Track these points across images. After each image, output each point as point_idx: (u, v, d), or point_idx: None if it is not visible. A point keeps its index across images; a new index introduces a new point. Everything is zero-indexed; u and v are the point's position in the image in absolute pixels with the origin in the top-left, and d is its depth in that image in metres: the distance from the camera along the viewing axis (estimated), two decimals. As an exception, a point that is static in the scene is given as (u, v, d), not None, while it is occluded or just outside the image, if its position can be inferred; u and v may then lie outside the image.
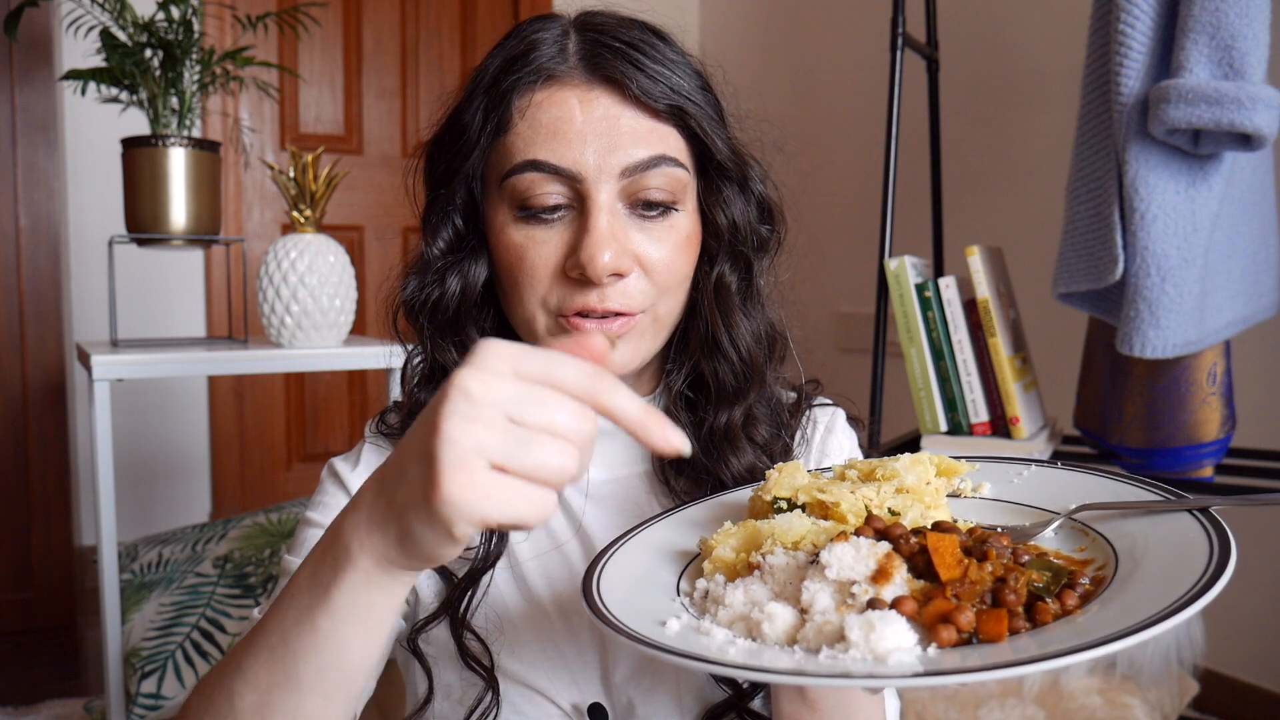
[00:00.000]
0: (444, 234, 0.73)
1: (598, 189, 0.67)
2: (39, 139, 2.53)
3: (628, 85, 0.68)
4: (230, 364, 1.63)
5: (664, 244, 0.70)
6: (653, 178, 0.68)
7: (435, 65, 3.22)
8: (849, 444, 0.84)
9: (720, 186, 0.74)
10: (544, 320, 0.70)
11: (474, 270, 0.73)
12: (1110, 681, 1.48)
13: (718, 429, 0.74)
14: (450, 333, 0.74)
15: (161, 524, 2.74)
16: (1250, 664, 1.94)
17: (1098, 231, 1.42)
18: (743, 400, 0.74)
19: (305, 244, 1.63)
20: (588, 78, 0.68)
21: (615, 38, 0.69)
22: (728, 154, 0.73)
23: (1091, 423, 1.64)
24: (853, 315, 2.80)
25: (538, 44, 0.69)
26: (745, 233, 0.75)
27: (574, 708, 0.72)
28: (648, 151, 0.68)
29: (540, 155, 0.67)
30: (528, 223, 0.69)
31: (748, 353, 0.74)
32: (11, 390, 2.52)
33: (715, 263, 0.74)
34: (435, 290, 0.73)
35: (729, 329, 0.74)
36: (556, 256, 0.68)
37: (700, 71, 0.73)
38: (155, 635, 1.54)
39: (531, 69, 0.69)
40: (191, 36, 1.65)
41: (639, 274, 0.69)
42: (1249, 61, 1.28)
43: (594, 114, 0.68)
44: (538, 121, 0.68)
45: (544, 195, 0.68)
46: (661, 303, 0.71)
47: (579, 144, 0.67)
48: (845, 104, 2.85)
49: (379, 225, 3.17)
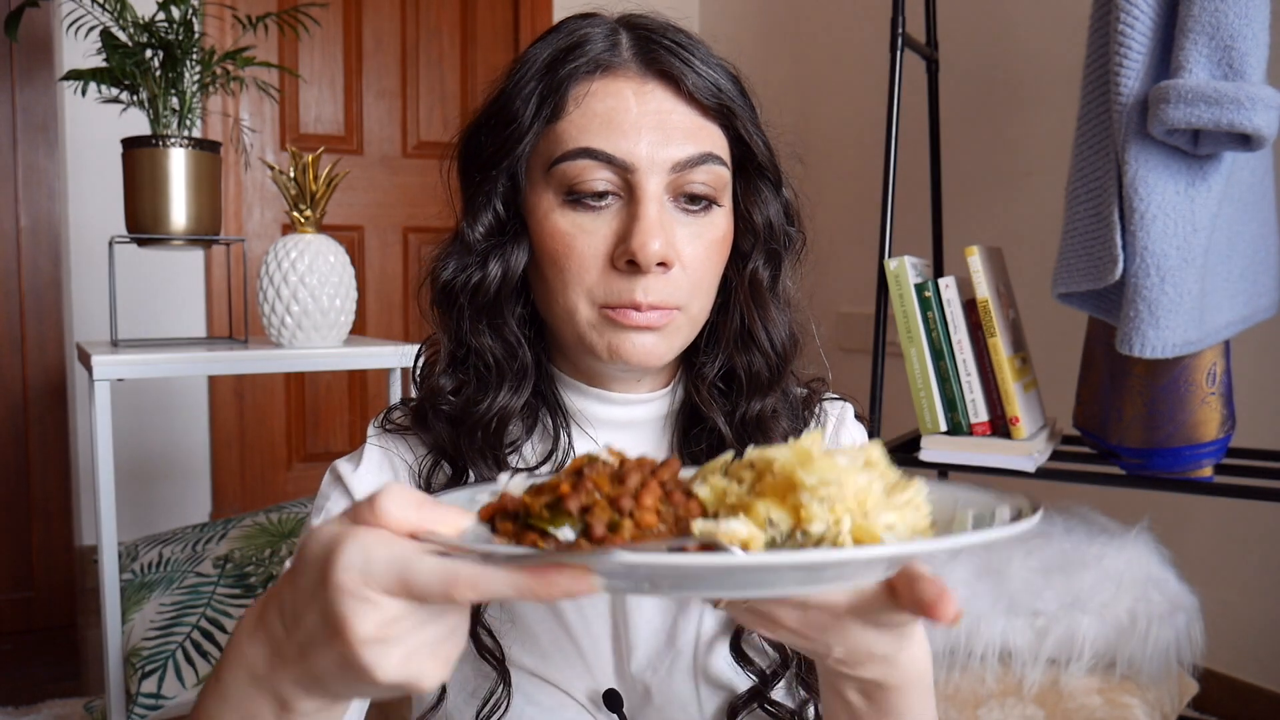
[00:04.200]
0: (485, 218, 0.74)
1: (649, 180, 0.68)
2: (39, 139, 2.53)
3: (681, 81, 0.69)
4: (230, 364, 1.63)
5: (702, 240, 0.71)
6: (700, 173, 0.70)
7: (435, 65, 3.22)
8: (860, 437, 0.86)
9: (759, 186, 0.76)
10: (586, 311, 0.70)
11: (515, 256, 0.73)
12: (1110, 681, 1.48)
13: (750, 418, 0.76)
14: (487, 316, 0.74)
15: (161, 524, 2.73)
16: (1250, 664, 1.94)
17: (1097, 231, 1.42)
18: (774, 390, 0.77)
19: (305, 244, 1.63)
20: (642, 71, 0.70)
21: (665, 36, 0.71)
22: (766, 155, 0.75)
23: (1091, 423, 1.64)
24: (853, 315, 2.80)
25: (590, 38, 0.71)
26: (778, 231, 0.77)
27: (589, 697, 0.73)
28: (697, 148, 0.69)
29: (594, 143, 0.68)
30: (575, 210, 0.69)
31: (782, 345, 0.77)
32: (11, 390, 2.52)
33: (750, 259, 0.76)
34: (477, 273, 0.74)
35: (765, 323, 0.76)
36: (605, 245, 0.69)
37: (736, 75, 0.75)
38: (155, 635, 1.54)
39: (587, 60, 0.70)
40: (192, 37, 1.65)
41: (679, 269, 0.70)
42: (1249, 62, 1.28)
43: (648, 107, 0.69)
44: (592, 110, 0.69)
45: (594, 182, 0.68)
46: (695, 301, 0.72)
47: (633, 135, 0.68)
48: (845, 104, 2.85)
49: (379, 225, 3.17)
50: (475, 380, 0.74)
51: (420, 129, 3.20)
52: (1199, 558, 1.81)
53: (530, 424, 0.76)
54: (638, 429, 0.78)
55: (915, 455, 1.62)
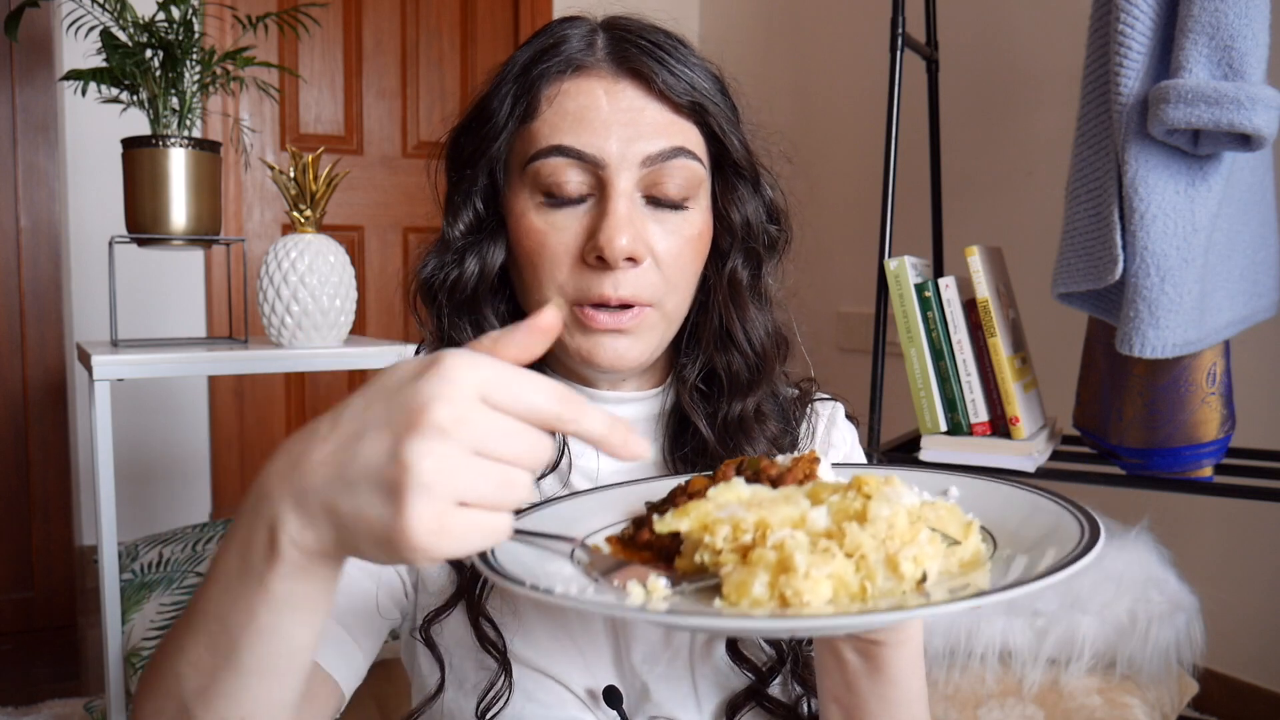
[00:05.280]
0: (465, 216, 0.75)
1: (619, 176, 0.69)
2: (39, 139, 2.53)
3: (653, 79, 0.70)
4: (230, 364, 1.63)
5: (677, 237, 0.72)
6: (671, 169, 0.70)
7: (435, 65, 3.22)
8: (850, 437, 0.86)
9: (736, 185, 0.76)
10: (560, 309, 0.71)
11: (492, 253, 0.74)
12: (1110, 681, 1.48)
13: (731, 419, 0.76)
14: (467, 312, 0.76)
15: (161, 524, 2.73)
16: (1250, 664, 1.94)
17: (1097, 231, 1.42)
18: (755, 391, 0.77)
19: (305, 244, 1.63)
20: (614, 70, 0.71)
21: (641, 36, 0.72)
22: (743, 154, 0.75)
23: (1091, 423, 1.64)
24: (853, 315, 2.80)
25: (567, 38, 0.72)
26: (757, 230, 0.77)
27: (588, 692, 0.73)
28: (668, 143, 0.70)
29: (565, 140, 0.69)
30: (549, 208, 0.71)
31: (760, 345, 0.77)
32: (11, 390, 2.52)
33: (728, 259, 0.77)
34: (454, 270, 0.75)
35: (743, 322, 0.76)
36: (576, 242, 0.70)
37: (718, 76, 0.76)
38: (156, 635, 1.54)
39: (560, 59, 0.71)
40: (192, 37, 1.65)
41: (651, 264, 0.71)
42: (1248, 62, 1.28)
43: (619, 104, 0.70)
44: (564, 109, 0.70)
45: (566, 181, 0.70)
46: (670, 298, 0.73)
47: (603, 131, 0.69)
48: (845, 104, 2.85)
49: (379, 225, 3.17)
50: None
51: (420, 129, 3.20)
52: (1199, 558, 1.81)
53: None
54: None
55: (915, 455, 1.62)
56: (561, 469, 0.77)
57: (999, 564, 0.52)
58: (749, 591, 0.47)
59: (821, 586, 0.46)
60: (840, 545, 0.48)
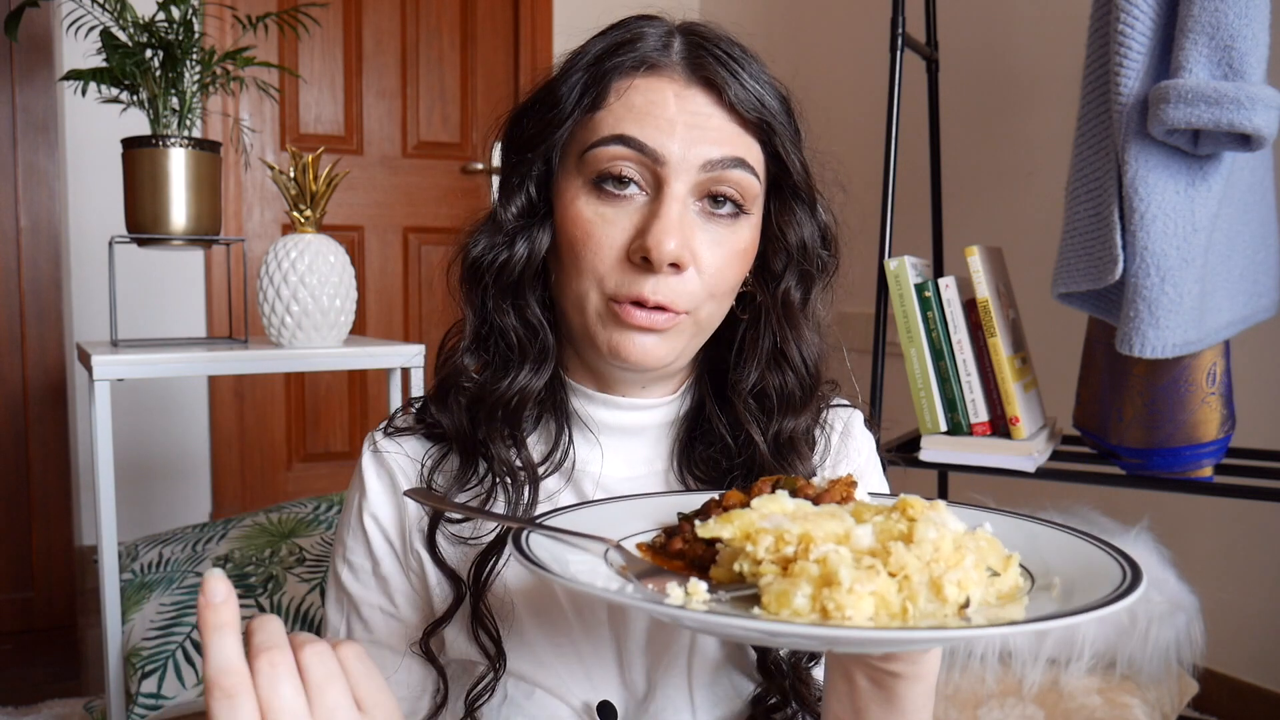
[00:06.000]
0: (518, 200, 0.75)
1: (676, 177, 0.69)
2: (39, 139, 2.53)
3: (724, 90, 0.70)
4: (230, 364, 1.63)
5: (723, 249, 0.71)
6: (729, 179, 0.70)
7: (435, 65, 3.22)
8: (867, 447, 0.86)
9: (794, 206, 0.77)
10: (596, 301, 0.71)
11: (540, 239, 0.74)
12: (1110, 681, 1.48)
13: (783, 437, 0.77)
14: (511, 296, 0.75)
15: (161, 524, 2.74)
16: (1250, 664, 1.94)
17: (1097, 232, 1.42)
18: (805, 410, 0.78)
19: (305, 244, 1.63)
20: (687, 75, 0.71)
21: (717, 45, 0.72)
22: (803, 176, 0.76)
23: (1091, 423, 1.64)
24: (853, 315, 2.80)
25: (644, 35, 0.72)
26: (812, 253, 0.78)
27: (585, 706, 0.73)
28: (730, 152, 0.70)
29: (629, 131, 0.69)
30: (600, 199, 0.70)
31: (814, 366, 0.78)
32: (11, 390, 2.52)
33: (782, 279, 0.77)
34: (504, 253, 0.74)
35: (797, 343, 0.77)
36: (623, 238, 0.69)
37: (786, 97, 0.76)
38: (156, 635, 1.54)
39: (635, 55, 0.71)
40: (192, 37, 1.65)
41: (694, 272, 0.70)
42: (1248, 62, 1.28)
43: (687, 108, 0.70)
44: (632, 103, 0.70)
45: (621, 165, 0.69)
46: (705, 307, 0.72)
47: (668, 130, 0.69)
48: (845, 104, 2.85)
49: (379, 225, 3.17)
50: (498, 359, 0.76)
51: (420, 129, 3.20)
52: (1199, 558, 1.81)
53: (536, 419, 0.77)
54: (641, 434, 0.79)
55: (915, 455, 1.62)
56: (565, 468, 0.77)
57: (1039, 596, 0.52)
58: (790, 602, 0.47)
59: (864, 603, 0.46)
60: (885, 564, 0.48)
